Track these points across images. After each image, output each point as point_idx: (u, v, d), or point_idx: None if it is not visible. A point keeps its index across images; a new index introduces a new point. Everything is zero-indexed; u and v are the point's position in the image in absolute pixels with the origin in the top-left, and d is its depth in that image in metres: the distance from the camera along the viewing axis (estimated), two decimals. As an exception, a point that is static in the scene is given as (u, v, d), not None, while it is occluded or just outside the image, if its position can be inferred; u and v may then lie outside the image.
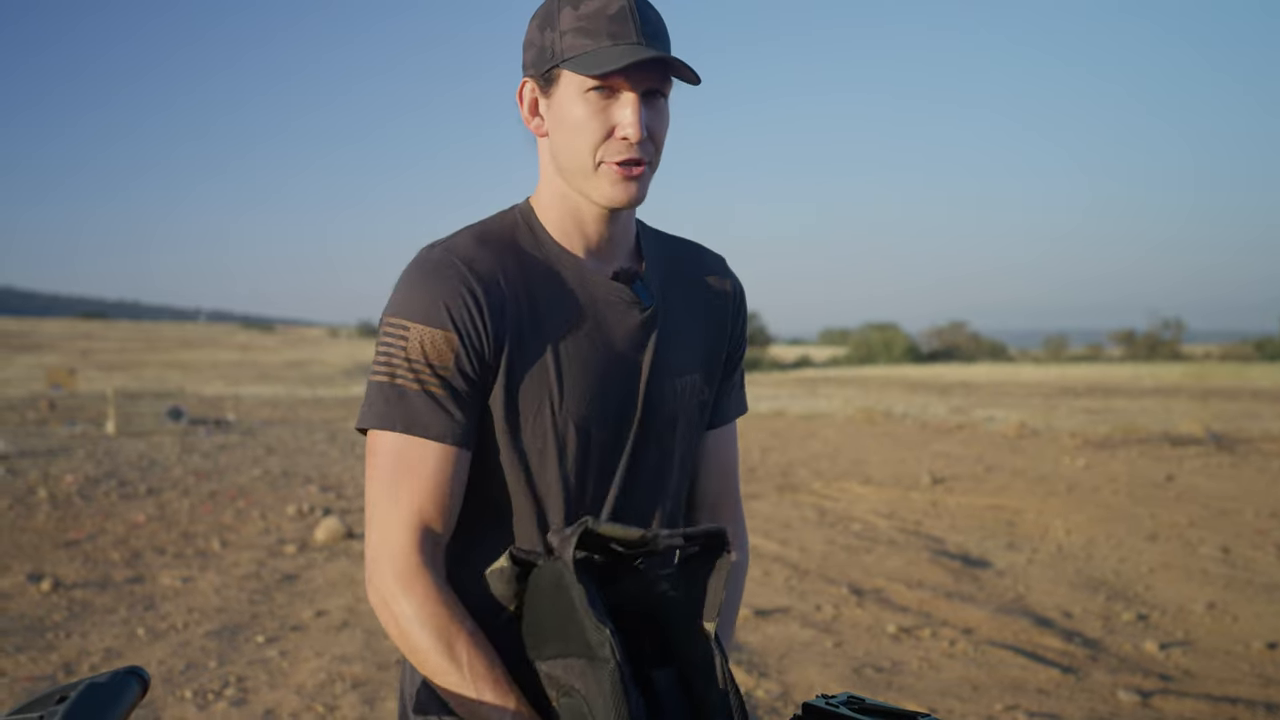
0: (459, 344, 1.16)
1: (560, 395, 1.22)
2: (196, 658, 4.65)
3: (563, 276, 1.25)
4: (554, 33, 1.18)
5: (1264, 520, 8.27)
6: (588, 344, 1.24)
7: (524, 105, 1.25)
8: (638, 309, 1.27)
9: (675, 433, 1.32)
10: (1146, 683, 4.44)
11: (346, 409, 23.63)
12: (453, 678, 1.13)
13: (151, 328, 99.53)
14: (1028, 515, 8.70)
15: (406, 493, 1.16)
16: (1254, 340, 67.16)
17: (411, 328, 1.16)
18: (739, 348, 1.44)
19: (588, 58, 1.15)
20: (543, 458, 1.23)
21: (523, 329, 1.21)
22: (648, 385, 1.28)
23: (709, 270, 1.40)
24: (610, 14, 1.15)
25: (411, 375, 1.16)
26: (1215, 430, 15.43)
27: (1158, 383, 34.43)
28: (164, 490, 9.33)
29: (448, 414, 1.17)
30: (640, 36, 1.15)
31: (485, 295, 1.18)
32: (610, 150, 1.17)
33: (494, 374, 1.20)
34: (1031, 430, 16.67)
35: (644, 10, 1.17)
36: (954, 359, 68.47)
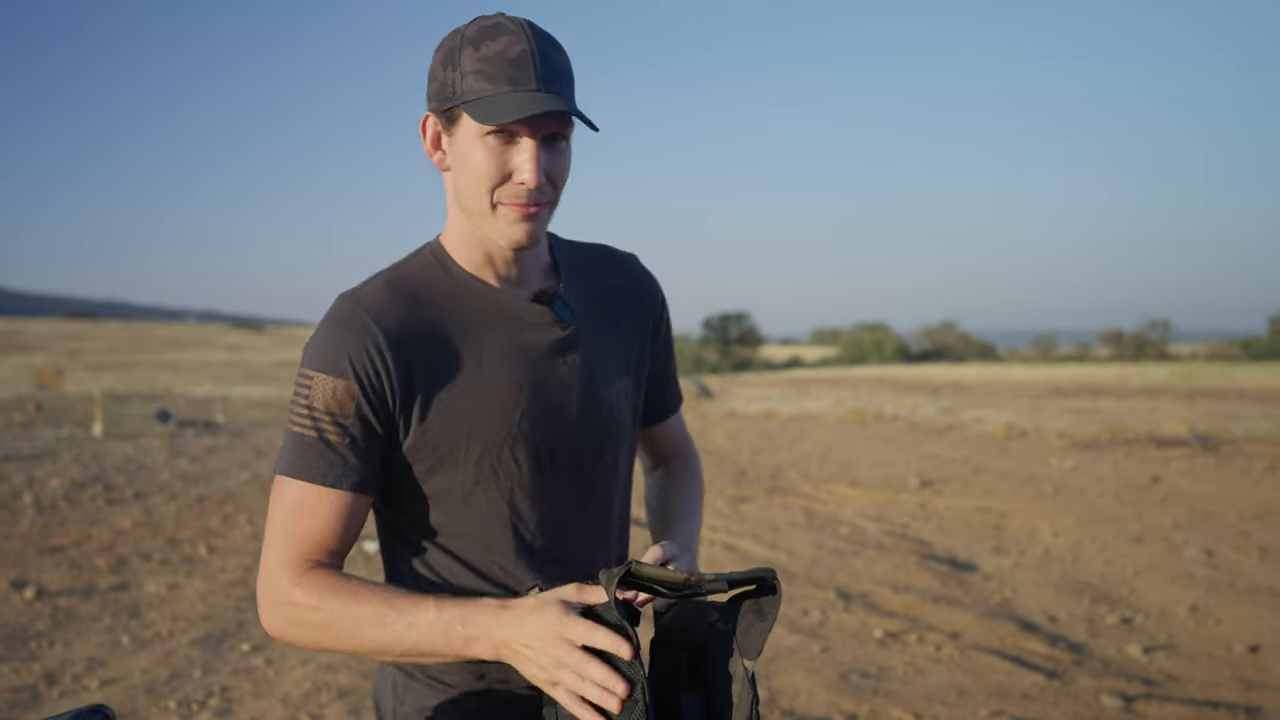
0: (359, 393, 1.19)
1: (490, 423, 1.25)
2: (181, 667, 4.64)
3: (480, 307, 1.28)
4: (455, 72, 1.19)
5: (1247, 522, 8.32)
6: (513, 369, 1.27)
7: (426, 138, 1.26)
8: (559, 328, 1.30)
9: (612, 441, 1.37)
10: (1130, 687, 4.47)
11: (335, 410, 23.55)
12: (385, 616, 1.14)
13: (140, 328, 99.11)
14: (1015, 518, 8.73)
15: (294, 535, 1.20)
16: (1240, 340, 67.48)
17: (315, 378, 1.20)
18: (665, 345, 1.50)
19: (486, 104, 1.16)
20: (482, 485, 1.26)
21: (438, 367, 1.23)
22: (580, 401, 1.31)
23: (625, 273, 1.44)
24: (510, 58, 1.16)
25: (311, 423, 1.19)
26: (1200, 431, 15.50)
27: (1144, 383, 34.57)
28: (151, 495, 9.29)
29: (342, 461, 1.20)
30: (539, 82, 1.16)
31: (389, 344, 1.21)
32: (507, 193, 1.20)
33: (405, 418, 1.22)
34: (1019, 431, 16.73)
35: (545, 54, 1.18)
36: (944, 359, 68.64)
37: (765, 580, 1.13)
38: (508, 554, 1.28)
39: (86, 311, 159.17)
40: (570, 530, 1.33)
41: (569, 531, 1.32)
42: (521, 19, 1.20)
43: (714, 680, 1.15)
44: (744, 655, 1.14)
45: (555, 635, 1.06)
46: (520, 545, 1.29)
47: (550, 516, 1.31)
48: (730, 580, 1.12)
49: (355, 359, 1.19)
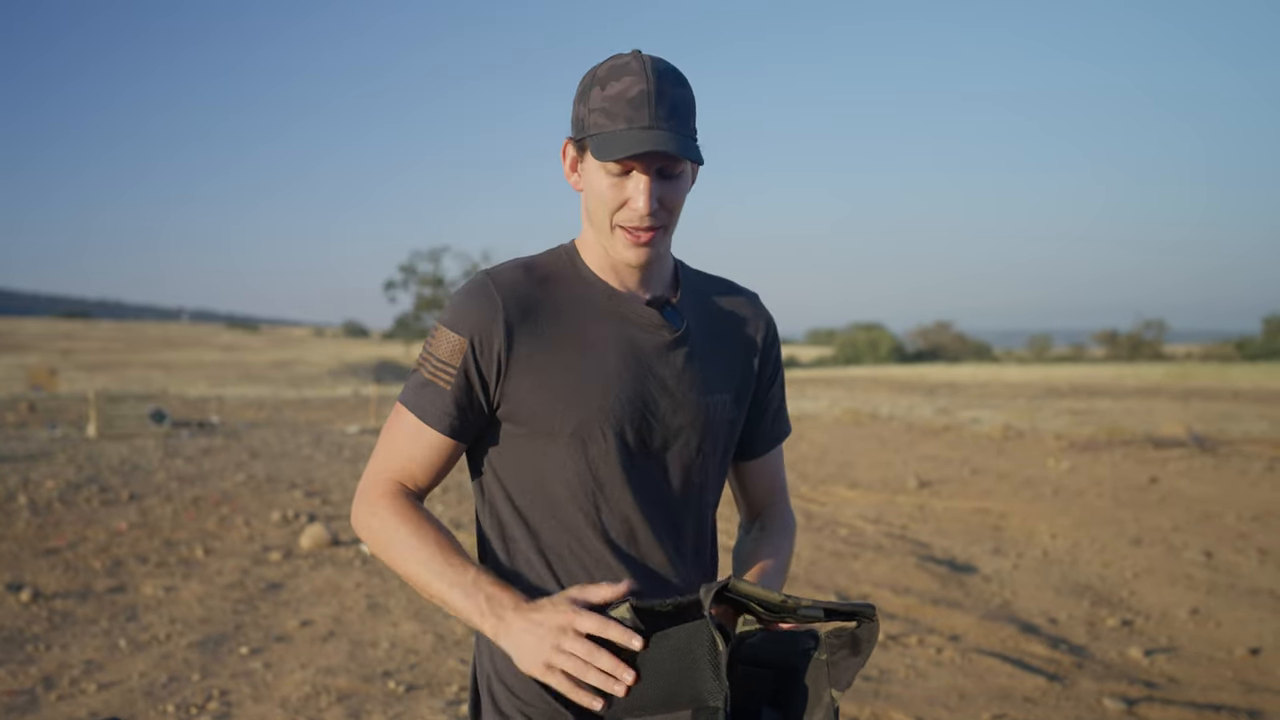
0: (469, 351, 1.36)
1: (587, 401, 1.36)
2: (179, 670, 4.61)
3: (597, 301, 1.42)
4: (585, 108, 1.34)
5: (1245, 524, 8.32)
6: (617, 358, 1.39)
7: (566, 163, 1.43)
8: (667, 331, 1.42)
9: (703, 443, 1.44)
10: (1132, 690, 4.46)
11: (332, 410, 23.52)
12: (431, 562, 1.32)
13: (134, 327, 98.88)
14: (1013, 519, 8.72)
15: (396, 452, 1.42)
16: (1235, 340, 67.63)
17: (440, 331, 1.39)
18: (773, 377, 1.58)
19: (604, 139, 1.31)
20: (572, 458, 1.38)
21: (549, 344, 1.38)
22: (676, 399, 1.41)
23: (741, 305, 1.55)
24: (630, 97, 1.30)
25: (430, 368, 1.39)
26: (1197, 432, 15.52)
27: (1140, 383, 34.61)
28: (147, 496, 9.25)
29: (445, 405, 1.38)
30: (655, 120, 1.29)
31: (507, 315, 1.36)
32: (624, 217, 1.34)
33: (510, 383, 1.37)
34: (1016, 432, 16.73)
35: (663, 92, 1.31)
36: (939, 359, 68.72)
37: (864, 615, 1.15)
38: (583, 531, 1.39)
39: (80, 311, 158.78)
40: (648, 519, 1.41)
41: (646, 520, 1.40)
42: (649, 59, 1.33)
43: (796, 703, 1.16)
44: (832, 685, 1.15)
45: (564, 625, 1.20)
46: (597, 525, 1.39)
47: (630, 501, 1.39)
48: (827, 609, 1.13)
49: (474, 322, 1.36)
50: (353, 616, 5.51)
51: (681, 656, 1.13)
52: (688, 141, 1.31)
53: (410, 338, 68.43)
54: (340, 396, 30.35)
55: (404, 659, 4.78)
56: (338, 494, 9.70)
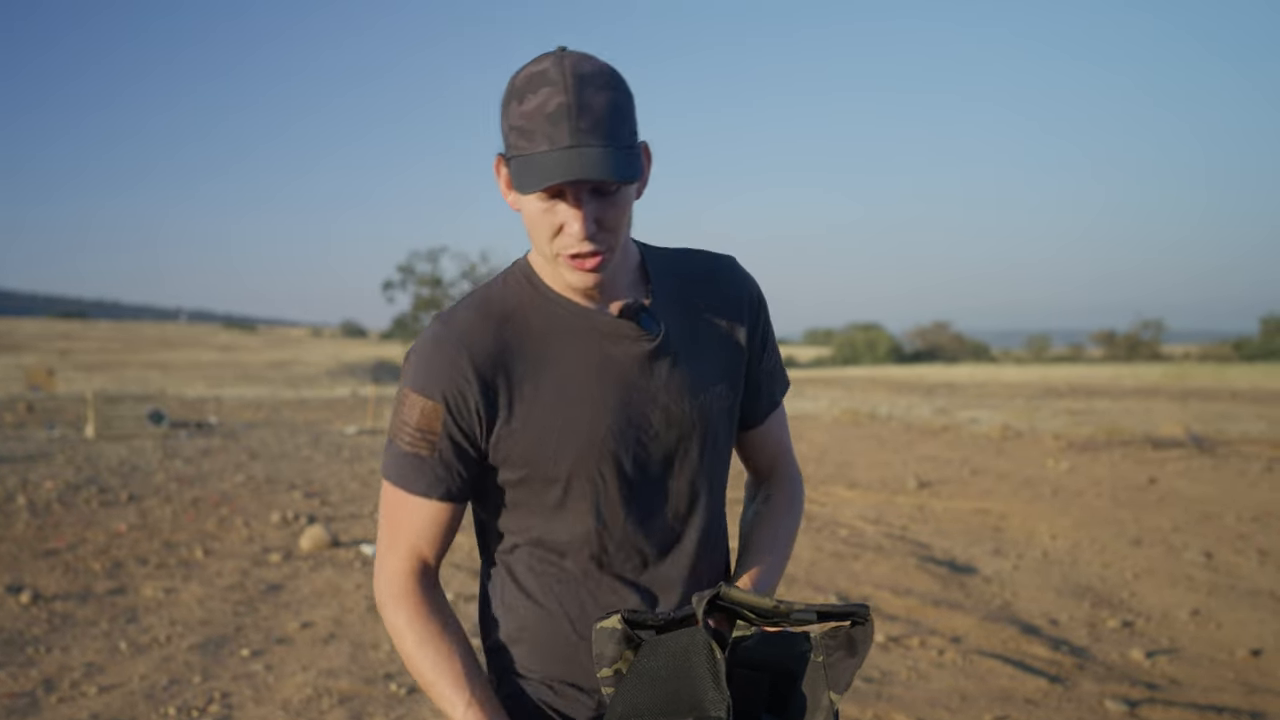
0: (444, 414, 1.28)
1: (577, 439, 1.30)
2: (180, 672, 4.60)
3: (567, 323, 1.32)
4: (505, 123, 1.21)
5: (1245, 524, 8.32)
6: (599, 385, 1.31)
7: (500, 181, 1.29)
8: (646, 340, 1.33)
9: (705, 446, 1.39)
10: (1134, 692, 4.46)
11: (331, 410, 23.50)
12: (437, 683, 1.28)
13: (132, 327, 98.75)
14: (1013, 520, 8.72)
15: (399, 535, 1.34)
16: (1232, 341, 67.71)
17: (409, 396, 1.30)
18: (763, 342, 1.48)
19: (522, 164, 1.17)
20: (571, 498, 1.32)
21: (525, 386, 1.29)
22: (668, 413, 1.34)
23: (718, 277, 1.44)
24: (548, 113, 1.15)
25: (407, 438, 1.30)
26: (1195, 432, 15.53)
27: (1138, 383, 34.65)
28: (146, 497, 9.24)
29: (433, 473, 1.30)
30: (577, 136, 1.14)
31: (476, 366, 1.28)
32: (562, 244, 1.22)
33: (494, 435, 1.30)
34: (1015, 432, 16.74)
35: (585, 103, 1.15)
36: (937, 359, 68.76)
37: (858, 615, 1.14)
38: (592, 572, 1.35)
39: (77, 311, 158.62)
40: (659, 543, 1.37)
41: (658, 545, 1.37)
42: (570, 61, 1.17)
43: (795, 708, 1.16)
44: (831, 688, 1.14)
45: None
46: (606, 564, 1.35)
47: (639, 533, 1.36)
48: (820, 612, 1.12)
49: (443, 382, 1.27)
50: (353, 618, 5.51)
51: (679, 665, 1.13)
52: (618, 156, 1.16)
53: (408, 338, 68.35)
54: (338, 397, 30.34)
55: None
56: (337, 495, 9.70)
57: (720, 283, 1.43)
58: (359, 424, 19.09)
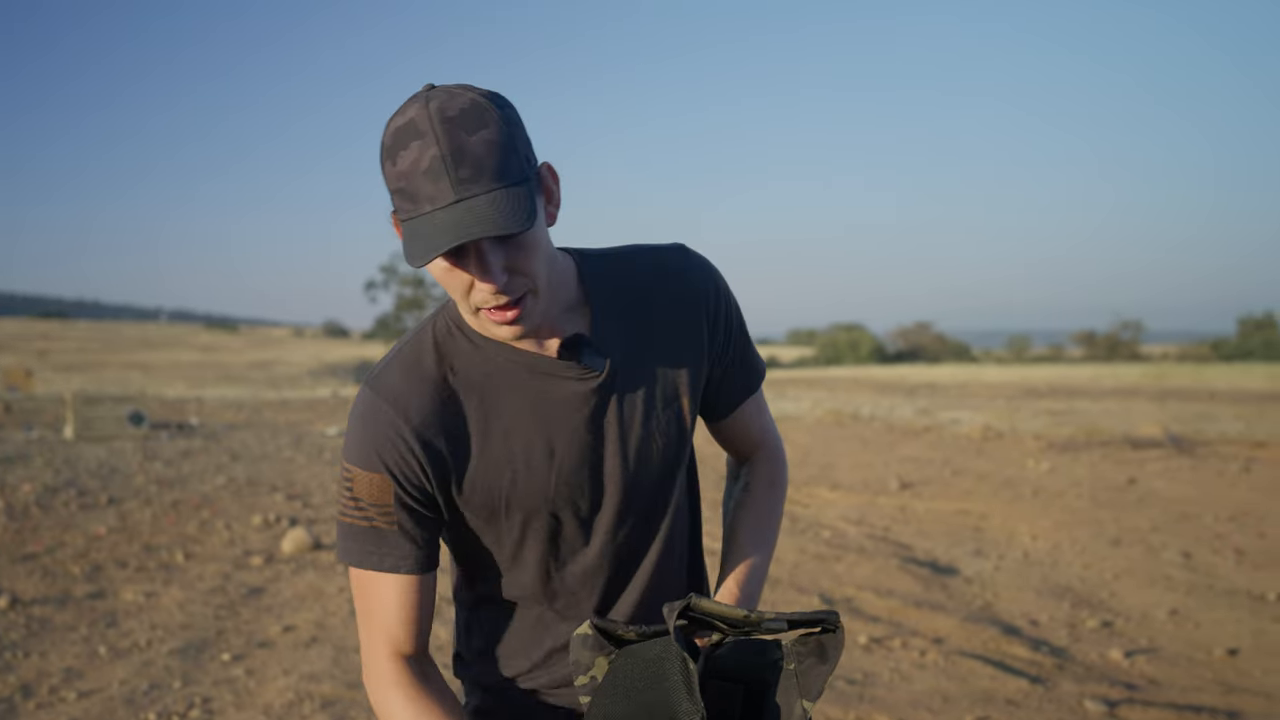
0: (394, 485, 1.23)
1: (528, 489, 1.27)
2: (160, 677, 4.57)
3: (505, 369, 1.25)
4: (386, 183, 1.11)
5: (1223, 524, 8.40)
6: (544, 430, 1.26)
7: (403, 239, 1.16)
8: (590, 377, 1.26)
9: (661, 475, 1.34)
10: (1113, 692, 4.49)
11: (313, 411, 23.38)
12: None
13: (111, 328, 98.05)
14: (994, 520, 8.77)
15: (372, 616, 1.29)
16: (1210, 341, 68.29)
17: (353, 471, 1.24)
18: (727, 333, 1.38)
19: (411, 231, 1.07)
20: (528, 546, 1.31)
21: (468, 443, 1.25)
22: (619, 450, 1.30)
23: (667, 274, 1.33)
24: (424, 169, 1.05)
25: (359, 514, 1.24)
26: (1174, 432, 15.65)
27: (1118, 383, 34.88)
28: (125, 500, 9.17)
29: (396, 546, 1.25)
30: (458, 189, 1.04)
31: (414, 431, 1.22)
32: (477, 299, 1.13)
33: (445, 495, 1.27)
34: (996, 432, 16.83)
35: (460, 148, 1.04)
36: (919, 359, 69.06)
37: (828, 622, 1.14)
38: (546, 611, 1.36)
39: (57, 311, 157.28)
40: (624, 581, 1.36)
41: (622, 581, 1.36)
42: (435, 102, 1.07)
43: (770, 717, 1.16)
44: (803, 696, 1.14)
45: None
46: (569, 599, 1.35)
47: (600, 571, 1.34)
48: (790, 620, 1.12)
49: (384, 453, 1.22)
50: (336, 622, 5.49)
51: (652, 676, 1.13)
52: (510, 200, 1.05)
53: (390, 338, 68.25)
54: (320, 397, 30.22)
55: (388, 665, 4.76)
56: (319, 497, 9.65)
57: (670, 280, 1.32)
58: (340, 425, 19.01)
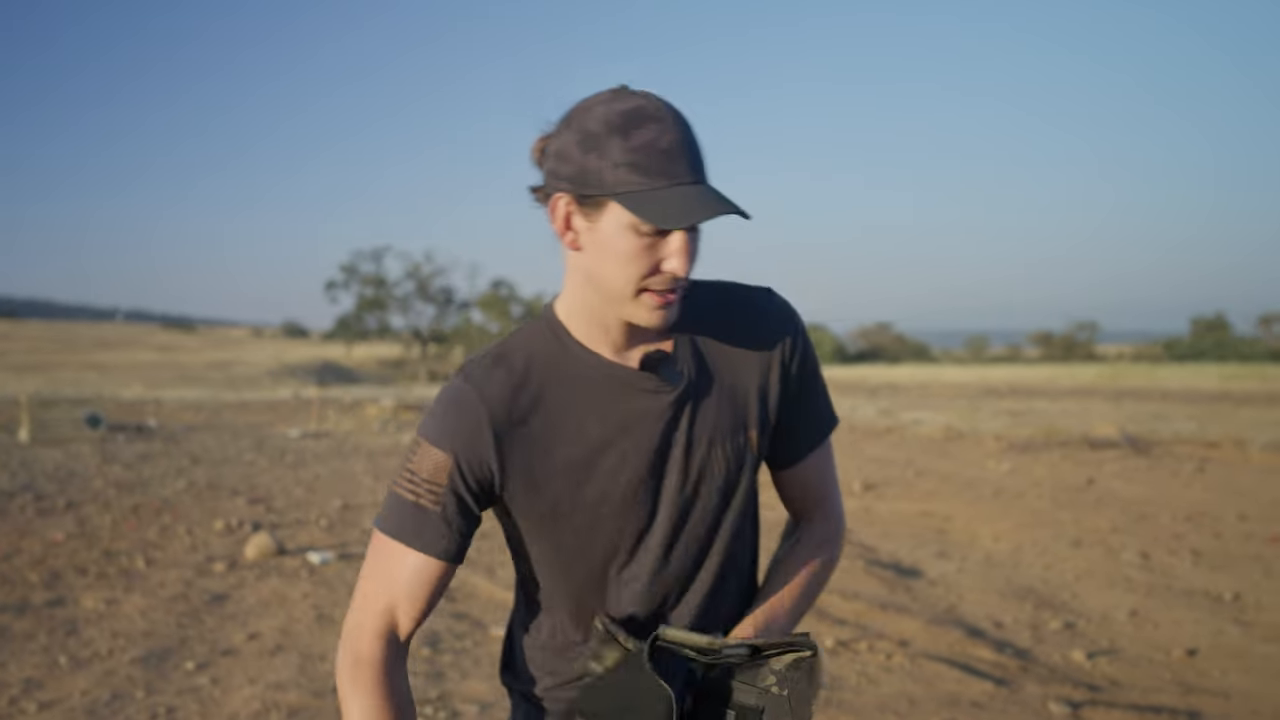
0: (453, 468, 1.26)
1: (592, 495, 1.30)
2: (123, 687, 4.51)
3: (588, 378, 1.31)
4: (601, 160, 1.16)
5: (1179, 524, 8.56)
6: (617, 440, 1.30)
7: (557, 219, 1.24)
8: (666, 392, 1.31)
9: (723, 498, 1.36)
10: (1076, 693, 4.56)
11: (274, 412, 23.13)
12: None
13: (66, 328, 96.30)
14: (957, 521, 8.87)
15: (380, 590, 1.30)
16: (1163, 341, 69.51)
17: (423, 446, 1.28)
18: (800, 379, 1.41)
19: (645, 198, 1.15)
20: (584, 554, 1.32)
21: (543, 443, 1.29)
22: (685, 463, 1.32)
23: (749, 313, 1.38)
24: (662, 148, 1.15)
25: (410, 488, 1.28)
26: (1130, 433, 15.92)
27: (1074, 383, 35.41)
28: (84, 504, 9.02)
29: (434, 527, 1.28)
30: (693, 174, 1.16)
31: (495, 422, 1.27)
32: (657, 280, 1.21)
33: (508, 492, 1.29)
34: (957, 433, 17.03)
35: (688, 139, 1.17)
36: (880, 359, 69.66)
37: (801, 646, 1.15)
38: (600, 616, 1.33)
39: (8, 310, 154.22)
40: (673, 604, 1.35)
41: (672, 604, 1.35)
42: (656, 99, 1.18)
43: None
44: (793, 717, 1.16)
45: None
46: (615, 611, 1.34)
47: (649, 590, 1.34)
48: (754, 647, 1.13)
49: (456, 436, 1.27)
50: (301, 629, 5.44)
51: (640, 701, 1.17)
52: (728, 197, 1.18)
53: (351, 338, 67.58)
54: (281, 399, 29.88)
55: (355, 672, 4.73)
56: (281, 501, 9.56)
57: (752, 317, 1.38)
58: (302, 426, 18.82)
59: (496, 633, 5.39)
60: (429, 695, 4.43)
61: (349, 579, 6.50)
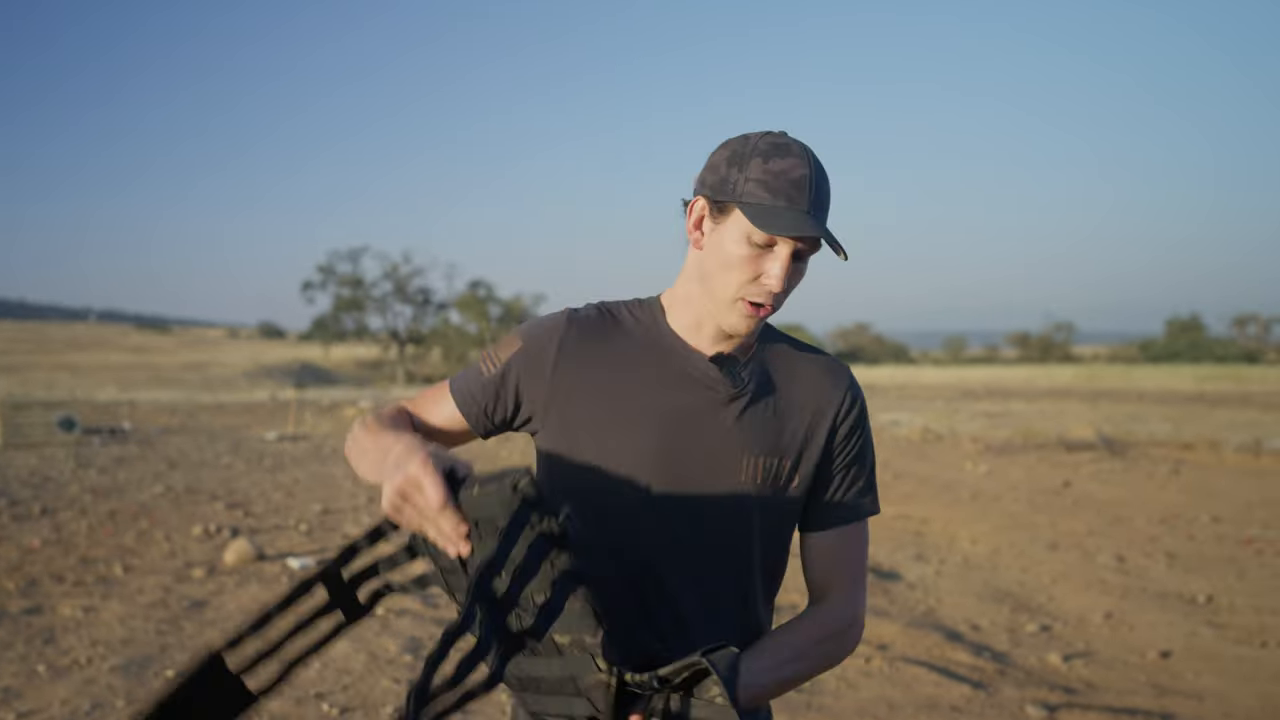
0: (518, 353, 1.43)
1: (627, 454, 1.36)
2: (103, 696, 4.49)
3: (663, 350, 1.42)
4: (740, 174, 1.32)
5: (1154, 527, 8.67)
6: (666, 413, 1.38)
7: (691, 217, 1.40)
8: (723, 388, 1.40)
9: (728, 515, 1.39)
10: (1052, 696, 4.62)
11: (251, 415, 23.01)
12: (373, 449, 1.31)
13: (37, 328, 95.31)
14: (935, 524, 8.94)
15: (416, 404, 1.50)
16: (1139, 342, 70.22)
17: (510, 335, 1.47)
18: (846, 452, 1.45)
19: (763, 210, 1.30)
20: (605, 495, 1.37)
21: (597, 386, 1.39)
22: (724, 460, 1.38)
23: (820, 373, 1.47)
24: (793, 178, 1.30)
25: (487, 360, 1.46)
26: (1106, 434, 16.08)
27: (1051, 384, 35.73)
28: (60, 510, 8.95)
29: (475, 387, 1.45)
30: (810, 206, 1.30)
31: (564, 339, 1.42)
32: (750, 290, 1.33)
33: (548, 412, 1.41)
34: (935, 435, 17.14)
35: (819, 182, 1.32)
36: (859, 360, 69.99)
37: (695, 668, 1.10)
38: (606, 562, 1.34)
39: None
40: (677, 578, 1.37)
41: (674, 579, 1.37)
42: (806, 146, 1.34)
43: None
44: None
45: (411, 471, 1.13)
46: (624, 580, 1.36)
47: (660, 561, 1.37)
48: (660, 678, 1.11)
49: (535, 335, 1.44)
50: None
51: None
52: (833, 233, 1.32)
53: (329, 339, 67.19)
54: (258, 401, 29.72)
55: (336, 680, 4.72)
56: (260, 505, 9.52)
57: (821, 377, 1.46)
58: (280, 429, 18.73)
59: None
60: (411, 703, 4.43)
61: (329, 585, 6.49)
